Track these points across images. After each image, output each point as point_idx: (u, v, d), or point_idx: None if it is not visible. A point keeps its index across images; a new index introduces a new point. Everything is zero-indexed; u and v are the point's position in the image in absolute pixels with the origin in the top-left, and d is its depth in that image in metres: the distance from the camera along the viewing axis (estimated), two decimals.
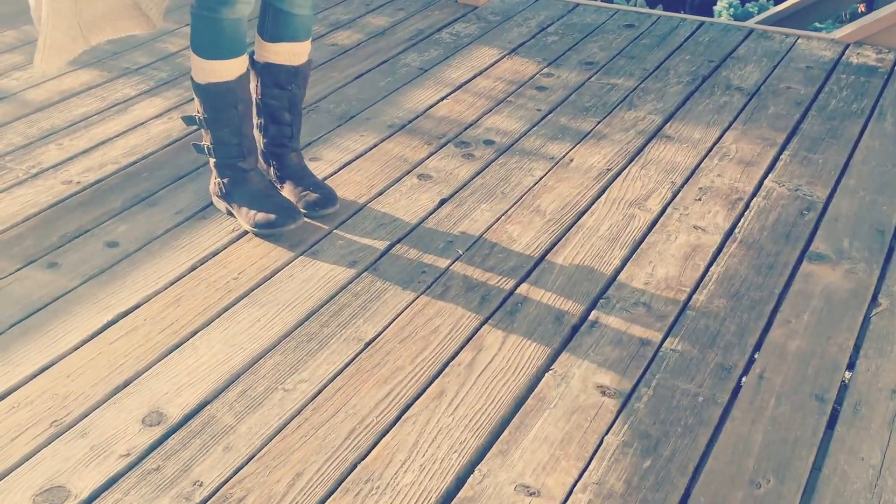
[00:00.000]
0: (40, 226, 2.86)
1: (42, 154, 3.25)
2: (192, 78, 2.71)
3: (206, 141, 2.78)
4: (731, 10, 7.29)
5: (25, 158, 3.22)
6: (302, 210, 2.84)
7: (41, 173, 3.13)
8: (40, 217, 2.90)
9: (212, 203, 2.92)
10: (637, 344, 2.31)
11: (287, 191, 2.88)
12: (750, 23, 4.92)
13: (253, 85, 2.84)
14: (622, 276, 2.56)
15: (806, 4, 5.37)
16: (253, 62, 2.81)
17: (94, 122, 3.47)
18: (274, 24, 2.73)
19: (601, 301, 2.46)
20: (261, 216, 2.74)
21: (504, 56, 3.95)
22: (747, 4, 7.38)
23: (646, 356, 2.27)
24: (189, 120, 2.78)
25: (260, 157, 2.94)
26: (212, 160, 2.81)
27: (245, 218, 2.77)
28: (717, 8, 7.39)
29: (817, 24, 6.49)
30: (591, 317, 2.41)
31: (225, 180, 2.81)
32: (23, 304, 2.52)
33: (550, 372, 2.24)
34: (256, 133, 2.90)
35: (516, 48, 4.03)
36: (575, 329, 2.38)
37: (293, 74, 2.78)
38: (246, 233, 2.79)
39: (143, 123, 3.47)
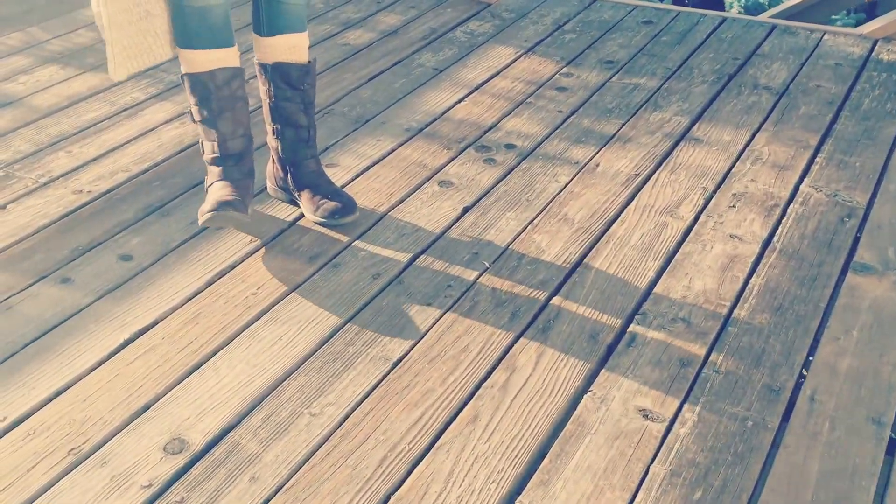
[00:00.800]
0: (51, 238, 2.77)
1: (51, 162, 3.15)
2: None
3: (200, 137, 2.71)
4: (742, 1, 7.18)
5: (34, 167, 3.13)
6: (320, 219, 2.75)
7: (51, 182, 3.04)
8: (51, 229, 2.81)
9: None
10: (678, 363, 2.22)
11: (304, 199, 2.79)
12: (764, 16, 4.83)
13: (264, 90, 2.75)
14: (658, 290, 2.46)
15: None
16: (262, 68, 2.72)
17: (103, 127, 3.38)
18: (268, 16, 2.66)
19: (637, 316, 2.37)
20: (206, 207, 2.61)
21: (521, 55, 3.85)
22: None
23: (688, 377, 2.18)
24: (190, 116, 2.72)
25: (277, 165, 2.84)
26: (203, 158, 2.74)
27: (199, 215, 2.65)
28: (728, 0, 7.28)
29: (832, 17, 6.39)
30: (628, 334, 2.32)
31: (205, 177, 2.73)
32: (36, 322, 2.43)
33: (589, 394, 2.14)
34: (272, 139, 2.81)
35: (533, 47, 3.93)
36: (611, 347, 2.28)
37: (304, 72, 2.69)
38: (264, 244, 2.70)
39: (153, 129, 3.37)
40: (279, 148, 2.80)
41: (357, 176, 3.04)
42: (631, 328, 2.34)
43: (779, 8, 5.51)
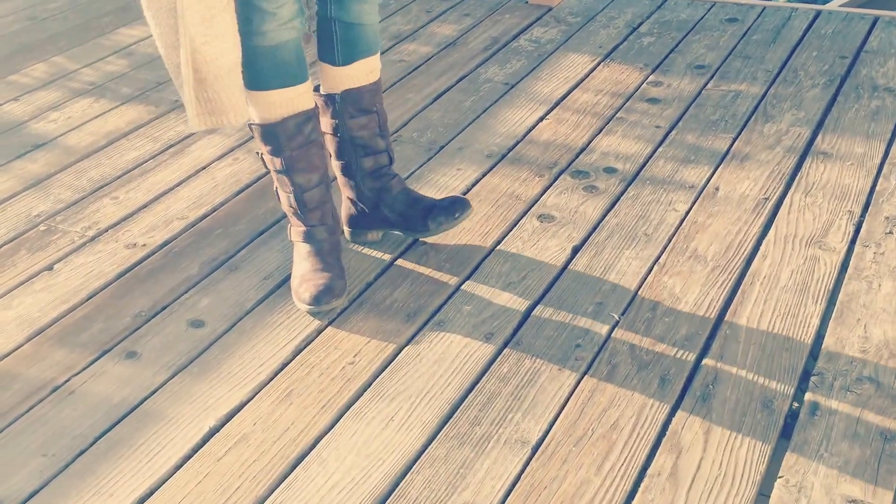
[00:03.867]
0: (109, 303, 2.43)
1: (97, 211, 2.81)
2: None
3: (274, 183, 2.41)
4: None
5: (79, 217, 2.79)
6: (441, 225, 2.45)
7: (99, 236, 2.70)
8: (107, 292, 2.47)
9: None
10: (879, 437, 1.87)
11: (412, 220, 2.47)
12: (832, 6, 4.47)
13: (329, 124, 2.40)
14: (829, 342, 2.11)
15: None
16: (327, 99, 2.37)
17: (149, 168, 3.04)
18: (345, 43, 2.34)
19: (813, 378, 2.02)
20: (306, 296, 2.35)
21: (598, 63, 3.50)
22: None
23: None
24: (261, 161, 2.39)
25: (357, 205, 2.50)
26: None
27: (294, 295, 2.39)
28: None
29: None
30: (808, 400, 1.97)
31: (288, 227, 2.47)
32: (104, 408, 2.10)
33: (781, 481, 1.79)
34: (343, 178, 2.47)
35: (610, 53, 3.58)
36: (792, 418, 1.93)
37: (375, 92, 2.39)
38: (352, 301, 2.36)
39: (205, 167, 3.03)
40: (357, 185, 2.46)
41: None
42: (809, 394, 1.99)
43: None
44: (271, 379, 2.16)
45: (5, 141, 3.23)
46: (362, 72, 2.38)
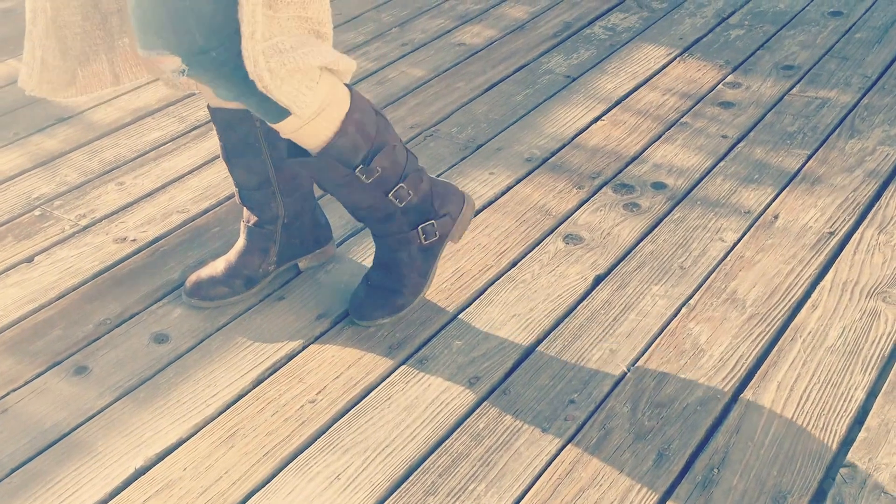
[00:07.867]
0: (76, 306, 2.20)
1: (98, 198, 2.59)
2: None
3: None
4: None
5: (77, 204, 2.57)
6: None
7: (91, 226, 2.47)
8: (79, 293, 2.24)
9: (293, 278, 2.22)
10: None
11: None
12: None
13: None
14: (871, 424, 1.72)
15: None
16: None
17: (165, 151, 2.80)
18: None
19: (842, 471, 1.63)
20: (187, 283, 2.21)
21: (674, 58, 3.11)
22: None
23: None
24: None
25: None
26: None
27: None
28: None
29: None
30: (831, 498, 1.58)
31: None
32: (32, 434, 1.86)
33: None
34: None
35: (690, 47, 3.18)
36: None
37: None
38: (334, 324, 2.07)
39: None
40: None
41: None
42: (833, 492, 1.60)
43: None
44: (219, 414, 1.90)
45: (31, 112, 3.05)
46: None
